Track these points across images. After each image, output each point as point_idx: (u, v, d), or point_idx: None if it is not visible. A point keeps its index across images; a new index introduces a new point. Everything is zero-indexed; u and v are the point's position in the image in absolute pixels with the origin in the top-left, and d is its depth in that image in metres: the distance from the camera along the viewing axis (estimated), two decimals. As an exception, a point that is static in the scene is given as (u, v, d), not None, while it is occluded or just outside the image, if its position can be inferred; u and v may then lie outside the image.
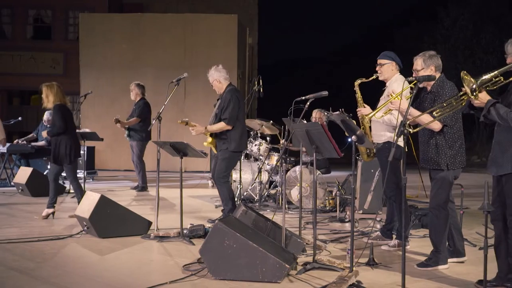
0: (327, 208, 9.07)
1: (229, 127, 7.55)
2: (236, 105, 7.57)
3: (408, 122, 4.74)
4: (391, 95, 5.66)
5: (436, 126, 5.34)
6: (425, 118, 5.22)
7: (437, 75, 5.53)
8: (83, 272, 5.35)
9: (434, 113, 5.08)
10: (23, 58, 21.99)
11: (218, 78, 7.75)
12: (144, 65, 16.38)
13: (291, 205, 9.32)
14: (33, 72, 21.93)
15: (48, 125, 12.47)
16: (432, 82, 5.49)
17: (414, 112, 5.36)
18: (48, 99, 8.47)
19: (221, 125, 7.57)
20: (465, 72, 4.47)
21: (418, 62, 5.61)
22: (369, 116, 5.89)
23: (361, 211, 8.76)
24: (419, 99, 5.67)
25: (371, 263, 5.53)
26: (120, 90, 15.27)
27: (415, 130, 5.12)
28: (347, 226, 7.74)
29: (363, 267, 5.45)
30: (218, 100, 7.87)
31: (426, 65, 5.56)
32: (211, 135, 7.81)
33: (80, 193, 8.22)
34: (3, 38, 22.48)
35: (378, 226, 7.37)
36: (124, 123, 10.86)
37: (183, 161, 6.84)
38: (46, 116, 12.41)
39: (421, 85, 5.43)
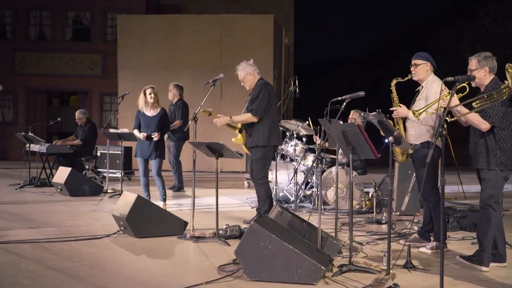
0: (364, 209, 8.99)
1: (254, 119, 7.49)
2: (266, 98, 7.51)
3: (454, 119, 4.70)
4: (442, 92, 5.58)
5: (484, 126, 5.32)
6: (473, 117, 5.22)
7: (491, 77, 5.49)
8: (119, 271, 5.39)
9: (474, 104, 5.05)
10: (62, 60, 22.32)
11: (252, 72, 7.71)
12: (181, 66, 16.47)
13: (327, 206, 9.26)
14: (72, 73, 22.26)
15: (80, 124, 12.67)
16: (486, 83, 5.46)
17: (463, 110, 5.32)
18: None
19: (247, 116, 7.53)
20: (510, 64, 4.40)
21: (473, 62, 5.57)
22: (419, 112, 5.78)
23: (398, 213, 8.66)
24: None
25: (409, 266, 5.45)
26: (157, 91, 15.34)
27: (452, 119, 5.11)
28: (384, 227, 7.65)
29: (400, 269, 5.37)
30: (249, 96, 7.84)
31: (480, 66, 5.50)
32: (240, 131, 7.79)
33: (163, 189, 8.99)
34: (43, 40, 22.85)
35: (416, 228, 7.27)
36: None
37: (219, 161, 6.84)
38: (78, 115, 12.62)
39: (473, 85, 5.42)
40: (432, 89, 6.17)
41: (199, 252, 6.22)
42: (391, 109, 6.27)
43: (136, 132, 8.99)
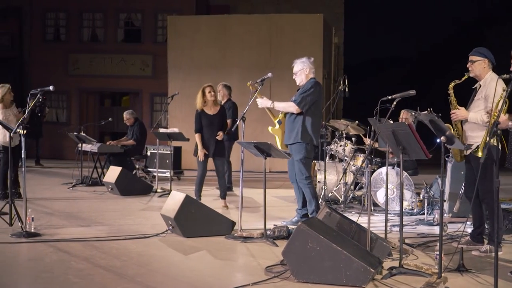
0: (415, 210, 8.81)
1: (295, 109, 7.44)
2: (314, 94, 7.47)
3: None
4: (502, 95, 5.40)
5: None
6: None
7: None
8: (167, 271, 5.41)
9: None
10: (114, 61, 22.66)
11: (308, 69, 7.68)
12: (230, 65, 16.50)
13: (377, 207, 9.12)
14: (124, 74, 22.57)
15: (129, 124, 12.84)
16: None
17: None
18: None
19: (290, 104, 7.51)
20: None
21: None
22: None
23: (450, 214, 8.44)
24: None
25: (461, 269, 5.29)
26: (206, 91, 15.43)
27: None
28: (436, 229, 7.47)
29: (452, 273, 5.22)
30: (297, 90, 7.78)
31: None
32: (279, 122, 7.73)
33: (225, 188, 9.27)
34: (95, 41, 23.23)
35: (469, 230, 7.07)
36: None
37: (268, 161, 6.80)
38: (125, 115, 12.79)
39: None
40: (491, 88, 5.94)
41: (246, 252, 6.19)
42: (450, 112, 6.14)
43: (198, 140, 9.00)
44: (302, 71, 7.69)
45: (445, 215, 7.97)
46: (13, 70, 22.97)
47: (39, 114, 15.87)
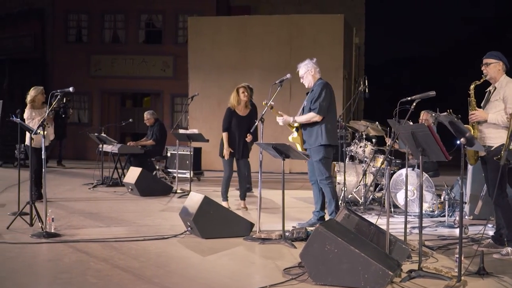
0: (435, 212, 8.73)
1: (318, 118, 7.44)
2: (328, 97, 7.48)
3: None
4: None
5: None
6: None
7: None
8: (185, 272, 5.41)
9: None
10: (135, 62, 22.77)
11: (313, 70, 7.69)
12: (250, 66, 16.49)
13: (397, 209, 9.05)
14: (145, 75, 22.67)
15: (149, 124, 12.89)
16: None
17: None
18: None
19: (311, 115, 7.49)
20: None
21: None
22: None
23: (471, 217, 8.34)
24: None
25: (482, 272, 5.21)
26: (227, 92, 15.27)
27: None
28: (456, 232, 7.38)
29: (472, 276, 5.15)
30: (307, 94, 7.79)
31: None
32: (297, 130, 7.73)
33: (244, 189, 9.36)
34: (117, 42, 23.36)
35: (490, 233, 6.98)
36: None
37: (289, 162, 6.77)
38: (146, 116, 12.85)
39: None
40: (510, 90, 5.94)
41: (264, 254, 6.18)
42: (469, 113, 6.09)
43: (225, 139, 9.02)
44: (308, 72, 7.72)
45: (466, 217, 7.88)
46: (35, 71, 23.23)
47: (63, 116, 16.00)
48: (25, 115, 9.29)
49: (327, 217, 7.56)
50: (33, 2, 23.75)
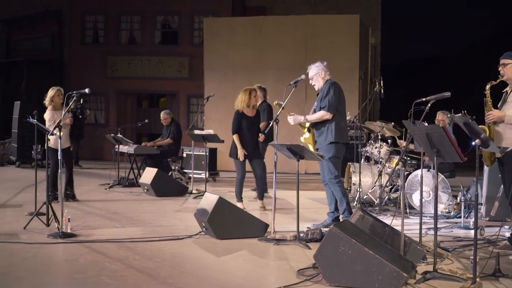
0: (451, 214, 8.67)
1: (328, 116, 7.46)
2: (336, 95, 7.51)
3: None
4: None
5: None
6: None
7: None
8: (199, 273, 5.43)
9: None
10: (151, 63, 22.87)
11: (323, 72, 7.72)
12: (266, 67, 16.48)
13: (412, 210, 9.01)
14: (161, 76, 22.77)
15: (165, 124, 12.95)
16: None
17: None
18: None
19: (321, 114, 7.52)
20: None
21: None
22: None
23: (487, 218, 8.30)
24: None
25: (497, 274, 5.18)
26: (242, 92, 15.45)
27: None
28: (472, 233, 7.33)
29: (488, 278, 5.11)
30: (317, 96, 7.81)
31: None
32: (308, 130, 7.73)
33: (261, 190, 9.39)
34: (133, 43, 23.49)
35: (507, 234, 6.93)
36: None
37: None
38: (162, 115, 12.91)
39: None
40: None
41: (279, 255, 6.18)
42: (486, 114, 6.05)
43: (237, 141, 9.02)
44: (318, 75, 7.74)
45: (482, 218, 7.83)
46: (53, 72, 23.45)
47: (80, 116, 16.10)
48: (46, 117, 9.36)
49: (341, 217, 7.56)
50: (51, 4, 23.94)
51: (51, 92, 9.45)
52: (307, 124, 7.84)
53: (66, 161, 9.57)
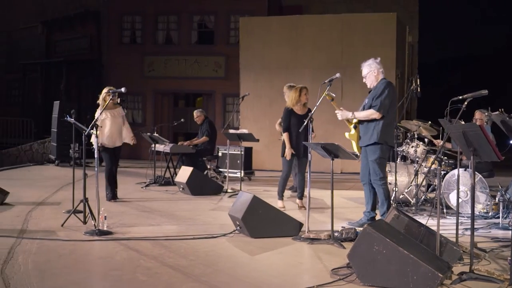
0: (490, 214, 8.53)
1: (377, 115, 7.36)
2: (390, 95, 7.38)
3: None
4: None
5: None
6: None
7: None
8: (232, 271, 5.44)
9: None
10: (188, 62, 23.02)
11: (377, 70, 7.59)
12: (301, 66, 16.46)
13: (449, 210, 8.88)
14: (197, 75, 22.91)
15: (199, 123, 13.01)
16: None
17: None
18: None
19: (370, 112, 7.42)
20: None
21: None
22: None
23: (527, 218, 8.13)
24: None
25: (536, 276, 5.08)
26: (277, 92, 15.37)
27: None
28: (510, 234, 7.20)
29: (526, 279, 5.02)
30: (369, 92, 7.70)
31: None
32: (355, 127, 7.66)
33: (302, 189, 9.20)
34: (170, 43, 23.67)
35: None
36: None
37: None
38: (195, 113, 12.99)
39: None
40: None
41: (313, 254, 6.16)
42: None
43: (286, 139, 8.99)
44: (371, 73, 7.61)
45: (521, 219, 7.68)
46: (92, 71, 23.80)
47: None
48: (96, 115, 9.51)
49: (378, 218, 7.49)
50: (89, 5, 24.30)
51: (103, 91, 9.65)
52: (354, 121, 7.76)
53: (117, 159, 10.11)
